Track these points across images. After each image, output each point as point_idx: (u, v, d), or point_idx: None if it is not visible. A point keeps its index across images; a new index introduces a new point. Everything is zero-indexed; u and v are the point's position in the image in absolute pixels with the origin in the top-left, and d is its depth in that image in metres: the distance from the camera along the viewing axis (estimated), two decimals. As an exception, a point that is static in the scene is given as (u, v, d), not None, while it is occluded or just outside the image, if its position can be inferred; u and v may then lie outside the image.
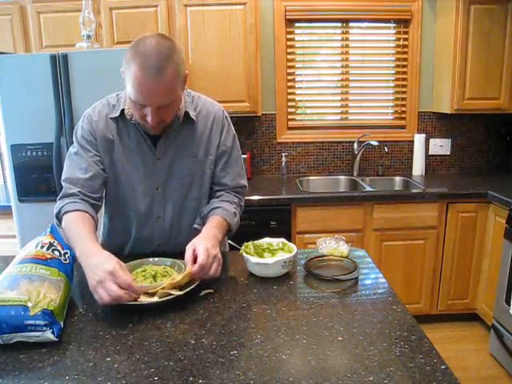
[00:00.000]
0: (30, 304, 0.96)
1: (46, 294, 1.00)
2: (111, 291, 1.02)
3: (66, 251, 1.19)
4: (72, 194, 1.33)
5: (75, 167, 1.36)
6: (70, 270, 1.18)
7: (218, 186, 1.49)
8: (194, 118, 1.40)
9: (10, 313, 0.95)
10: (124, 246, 1.52)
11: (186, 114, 1.38)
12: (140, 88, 1.17)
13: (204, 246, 1.19)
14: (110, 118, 1.37)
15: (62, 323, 1.01)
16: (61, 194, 1.36)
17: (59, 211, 1.32)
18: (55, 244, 1.17)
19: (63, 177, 1.38)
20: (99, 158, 1.38)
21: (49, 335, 0.96)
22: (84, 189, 1.34)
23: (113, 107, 1.38)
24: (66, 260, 1.16)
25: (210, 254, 1.19)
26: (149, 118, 1.22)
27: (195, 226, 1.47)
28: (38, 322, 0.95)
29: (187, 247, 1.22)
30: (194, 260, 1.18)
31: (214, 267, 1.20)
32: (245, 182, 1.55)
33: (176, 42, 1.25)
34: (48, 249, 1.13)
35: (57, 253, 1.15)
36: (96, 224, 1.33)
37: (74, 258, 1.21)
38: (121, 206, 1.45)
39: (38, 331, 0.95)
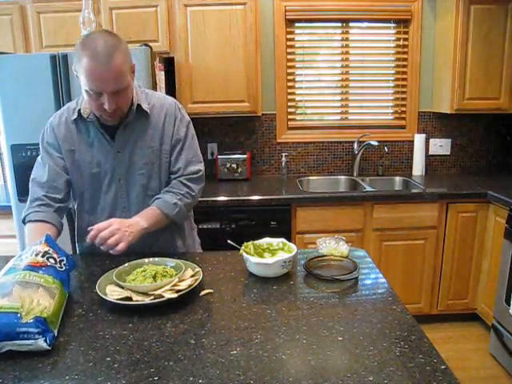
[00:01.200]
0: (22, 311, 0.94)
1: (39, 301, 0.98)
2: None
3: (61, 259, 1.18)
4: (37, 199, 1.47)
5: (40, 170, 1.50)
6: (66, 277, 1.16)
7: (172, 173, 1.56)
8: (147, 110, 1.48)
9: (2, 320, 0.92)
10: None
11: (139, 106, 1.47)
12: (92, 76, 1.28)
13: (112, 220, 1.35)
14: (71, 121, 1.48)
15: (55, 331, 0.99)
16: (29, 197, 1.49)
17: (24, 218, 1.47)
18: (50, 252, 1.16)
19: (31, 177, 1.52)
20: (62, 161, 1.50)
21: (41, 343, 0.93)
22: (48, 191, 1.48)
23: (72, 111, 1.49)
24: (61, 267, 1.15)
25: (113, 225, 1.33)
26: (106, 106, 1.32)
27: None
28: (30, 330, 0.92)
29: (109, 220, 1.36)
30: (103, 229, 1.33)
31: (113, 238, 1.30)
32: (198, 166, 1.58)
33: (119, 36, 1.37)
34: (43, 256, 1.12)
35: (52, 260, 1.14)
36: (57, 227, 1.47)
37: (70, 265, 1.21)
38: (88, 202, 1.55)
39: (31, 339, 0.92)
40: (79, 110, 1.46)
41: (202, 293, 1.21)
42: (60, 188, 1.50)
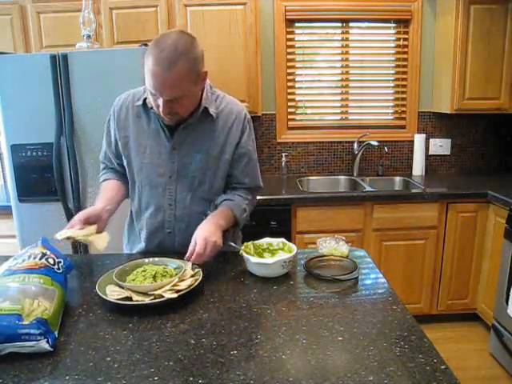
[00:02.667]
0: (23, 313, 0.93)
1: (39, 302, 0.98)
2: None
3: (59, 260, 1.17)
4: (106, 167, 1.61)
5: (102, 151, 1.60)
6: (64, 279, 1.15)
7: (237, 184, 1.55)
8: (213, 114, 1.44)
9: (3, 322, 0.92)
10: (140, 231, 1.57)
11: (206, 109, 1.42)
12: (152, 79, 1.25)
13: (202, 236, 1.30)
14: (134, 107, 1.46)
15: (56, 333, 0.99)
16: (101, 167, 1.64)
17: (101, 182, 1.59)
18: (48, 253, 1.16)
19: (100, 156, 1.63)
20: (115, 146, 1.52)
21: (43, 345, 0.92)
22: (110, 163, 1.59)
23: (138, 97, 1.46)
24: (59, 269, 1.14)
25: (209, 243, 1.29)
26: (160, 109, 1.30)
27: (208, 212, 1.50)
28: (32, 331, 0.92)
29: (192, 238, 1.33)
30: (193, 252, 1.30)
31: (207, 253, 1.30)
32: (261, 183, 1.63)
33: (197, 39, 1.31)
34: (40, 259, 1.12)
35: (51, 260, 1.13)
36: (126, 185, 1.55)
37: (67, 267, 1.20)
38: (136, 190, 1.52)
39: (32, 340, 0.91)
40: (145, 98, 1.41)
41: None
42: (118, 169, 1.57)
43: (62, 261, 1.18)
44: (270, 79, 3.08)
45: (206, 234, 1.31)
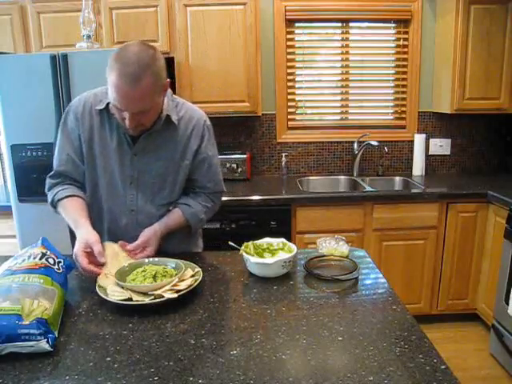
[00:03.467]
0: (23, 313, 0.93)
1: (39, 302, 0.98)
2: (81, 264, 1.23)
3: (59, 260, 1.17)
4: (57, 183, 1.50)
5: (58, 158, 1.49)
6: (64, 279, 1.15)
7: (200, 188, 1.57)
8: (175, 122, 1.45)
9: (3, 322, 0.91)
10: (101, 236, 1.52)
11: (168, 117, 1.43)
12: (117, 94, 1.24)
13: (152, 249, 1.39)
14: (96, 110, 1.43)
15: (56, 333, 0.98)
16: (47, 187, 1.52)
17: (52, 200, 1.48)
18: (48, 253, 1.15)
19: (50, 174, 1.52)
20: (79, 150, 1.46)
21: (43, 345, 0.92)
22: (66, 178, 1.49)
23: (99, 100, 1.43)
24: (59, 269, 1.14)
25: (150, 253, 1.38)
26: (126, 122, 1.30)
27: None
28: (32, 331, 0.91)
29: (142, 238, 1.39)
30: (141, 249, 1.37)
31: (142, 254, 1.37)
32: (224, 187, 1.65)
33: (158, 51, 1.32)
34: (40, 259, 1.11)
35: (51, 260, 1.13)
36: (87, 202, 1.48)
37: (68, 267, 1.20)
38: (98, 196, 1.51)
39: (32, 340, 0.91)
40: (108, 103, 1.38)
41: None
42: (77, 179, 1.50)
43: (62, 261, 1.18)
44: (270, 79, 3.08)
45: (154, 242, 1.40)
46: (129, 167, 1.45)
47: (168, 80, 1.36)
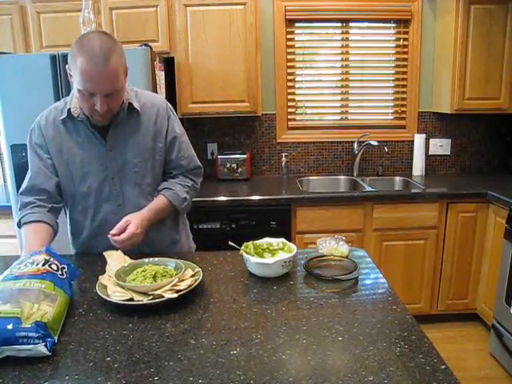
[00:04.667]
0: (22, 316, 0.93)
1: (39, 306, 0.97)
2: None
3: (63, 266, 1.17)
4: (28, 203, 1.46)
5: (29, 175, 1.49)
6: (68, 285, 1.15)
7: (176, 169, 1.60)
8: (138, 108, 1.48)
9: (1, 325, 0.91)
10: (91, 239, 1.56)
11: (130, 105, 1.47)
12: (88, 77, 1.27)
13: (134, 227, 1.37)
14: (59, 121, 1.46)
15: (56, 338, 0.98)
16: (19, 205, 1.48)
17: (19, 222, 1.46)
18: (51, 260, 1.15)
19: (20, 190, 1.50)
20: (51, 162, 1.48)
21: (41, 349, 0.91)
22: (39, 194, 1.47)
23: (60, 110, 1.48)
24: (62, 275, 1.14)
25: (130, 226, 1.37)
26: (97, 107, 1.32)
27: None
28: (30, 335, 0.91)
29: (124, 218, 1.40)
30: (123, 230, 1.37)
31: (131, 242, 1.37)
32: (199, 162, 1.67)
33: (115, 37, 1.39)
34: (43, 265, 1.11)
35: (54, 266, 1.13)
36: (53, 227, 1.46)
37: (72, 273, 1.20)
38: (80, 203, 1.52)
39: (30, 344, 0.91)
40: (69, 109, 1.44)
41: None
42: (50, 191, 1.48)
43: (66, 267, 1.18)
44: (270, 79, 3.08)
45: (138, 226, 1.38)
46: (108, 164, 1.48)
47: (127, 65, 1.40)
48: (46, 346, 0.92)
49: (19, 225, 1.47)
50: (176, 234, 1.67)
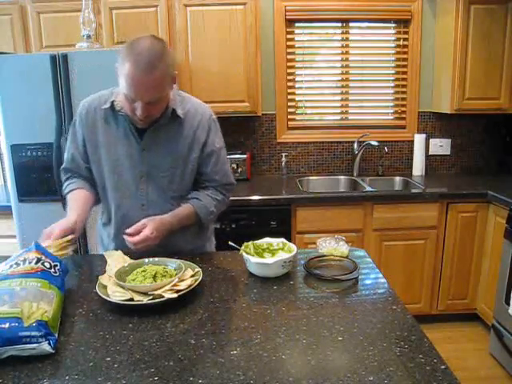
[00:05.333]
0: (23, 316, 0.92)
1: (38, 305, 0.97)
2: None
3: (55, 263, 1.16)
4: (69, 177, 1.58)
5: (66, 156, 1.57)
6: (61, 282, 1.14)
7: (209, 182, 1.58)
8: (181, 115, 1.47)
9: (3, 325, 0.91)
10: (111, 231, 1.58)
11: (174, 111, 1.45)
12: (132, 83, 1.26)
13: (149, 230, 1.36)
14: (101, 110, 1.46)
15: (56, 335, 0.98)
16: (62, 180, 1.60)
17: (62, 194, 1.57)
18: (43, 258, 1.14)
19: (62, 166, 1.60)
20: (84, 149, 1.52)
21: (45, 347, 0.92)
22: (76, 173, 1.57)
23: (104, 100, 1.47)
24: (56, 272, 1.13)
25: (146, 229, 1.36)
26: (138, 112, 1.32)
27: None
28: (33, 334, 0.91)
29: (143, 220, 1.40)
30: (138, 232, 1.36)
31: (143, 244, 1.36)
32: (233, 180, 1.65)
33: (166, 43, 1.37)
34: (36, 263, 1.10)
35: (47, 264, 1.13)
36: (93, 194, 1.55)
37: (64, 270, 1.20)
38: (106, 193, 1.54)
39: (34, 343, 0.91)
40: (113, 101, 1.43)
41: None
42: (84, 175, 1.56)
43: (59, 264, 1.18)
44: (270, 79, 3.08)
45: (153, 229, 1.37)
46: (139, 162, 1.47)
47: (176, 72, 1.38)
48: (49, 344, 0.93)
49: (64, 197, 1.56)
50: (201, 241, 1.66)
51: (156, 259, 1.32)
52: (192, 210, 1.51)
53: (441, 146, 3.23)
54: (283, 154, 3.16)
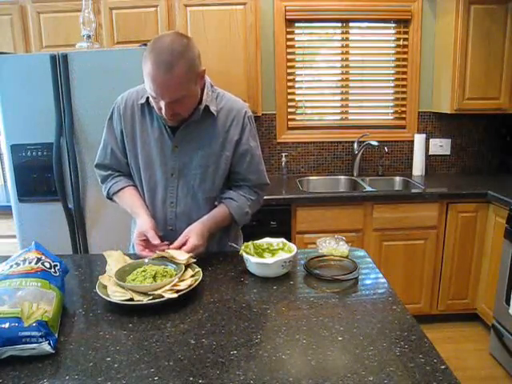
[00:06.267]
0: (23, 316, 0.92)
1: (38, 305, 0.97)
2: (137, 251, 1.37)
3: (55, 263, 1.16)
4: (108, 176, 1.57)
5: (103, 153, 1.56)
6: (61, 282, 1.14)
7: (243, 181, 1.55)
8: (214, 112, 1.44)
9: (3, 325, 0.91)
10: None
11: (207, 108, 1.43)
12: (153, 83, 1.25)
13: (195, 239, 1.37)
14: (137, 105, 1.46)
15: (56, 335, 0.98)
16: (100, 179, 1.60)
17: (108, 193, 1.57)
18: (43, 258, 1.14)
19: (95, 162, 1.60)
20: (123, 144, 1.51)
21: (45, 347, 0.92)
22: (114, 171, 1.57)
23: (141, 95, 1.46)
24: (55, 273, 1.13)
25: (190, 241, 1.37)
26: (163, 111, 1.31)
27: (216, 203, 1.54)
28: (33, 334, 0.91)
29: (184, 232, 1.40)
30: (183, 244, 1.37)
31: (194, 253, 1.36)
32: (267, 179, 1.62)
33: (192, 40, 1.32)
34: (36, 263, 1.10)
35: (47, 264, 1.13)
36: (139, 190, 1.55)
37: (64, 270, 1.20)
38: (140, 189, 1.54)
39: (34, 343, 0.91)
40: (148, 97, 1.41)
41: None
42: (122, 170, 1.56)
43: (59, 264, 1.17)
44: (270, 79, 3.08)
45: (199, 237, 1.38)
46: (170, 159, 1.46)
47: (204, 68, 1.35)
48: (49, 344, 0.93)
49: (108, 196, 1.57)
50: (234, 241, 1.62)
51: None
52: (227, 211, 1.49)
53: (441, 146, 3.23)
54: (283, 154, 3.16)
